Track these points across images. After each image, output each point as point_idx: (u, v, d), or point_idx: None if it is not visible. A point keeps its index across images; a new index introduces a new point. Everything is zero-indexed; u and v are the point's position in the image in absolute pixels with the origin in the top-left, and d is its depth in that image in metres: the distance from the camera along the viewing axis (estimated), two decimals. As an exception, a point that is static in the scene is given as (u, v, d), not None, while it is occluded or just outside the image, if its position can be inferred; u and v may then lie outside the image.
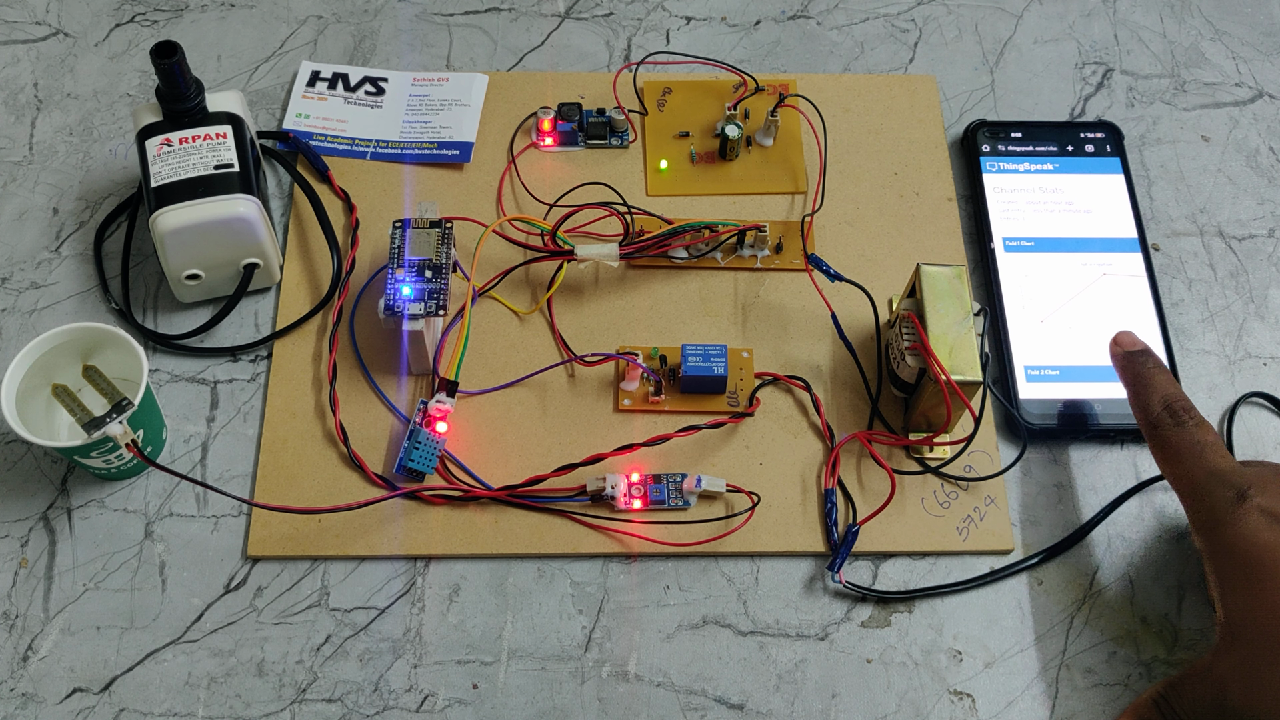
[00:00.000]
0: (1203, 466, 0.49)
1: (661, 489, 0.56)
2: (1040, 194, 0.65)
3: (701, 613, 0.54)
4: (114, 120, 0.68)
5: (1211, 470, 0.49)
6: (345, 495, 0.56)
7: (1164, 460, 0.51)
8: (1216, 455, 0.50)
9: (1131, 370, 0.54)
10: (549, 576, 0.55)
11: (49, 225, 0.64)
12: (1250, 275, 0.64)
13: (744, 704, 0.52)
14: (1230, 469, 0.49)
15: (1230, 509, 0.47)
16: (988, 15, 0.74)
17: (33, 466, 0.57)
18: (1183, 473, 0.50)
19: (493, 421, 0.58)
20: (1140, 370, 0.53)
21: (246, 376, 0.60)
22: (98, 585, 0.54)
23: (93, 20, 0.72)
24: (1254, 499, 0.47)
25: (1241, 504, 0.47)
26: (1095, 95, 0.71)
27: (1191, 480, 0.50)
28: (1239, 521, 0.47)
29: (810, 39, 0.73)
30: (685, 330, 0.61)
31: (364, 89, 0.69)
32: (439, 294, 0.57)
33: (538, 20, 0.73)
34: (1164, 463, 0.51)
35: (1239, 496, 0.47)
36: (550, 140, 0.67)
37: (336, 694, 0.52)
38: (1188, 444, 0.50)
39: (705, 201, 0.66)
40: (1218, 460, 0.49)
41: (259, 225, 0.58)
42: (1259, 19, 0.74)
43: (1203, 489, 0.49)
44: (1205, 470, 0.49)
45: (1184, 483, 0.50)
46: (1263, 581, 0.46)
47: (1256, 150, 0.69)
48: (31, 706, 0.51)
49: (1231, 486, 0.48)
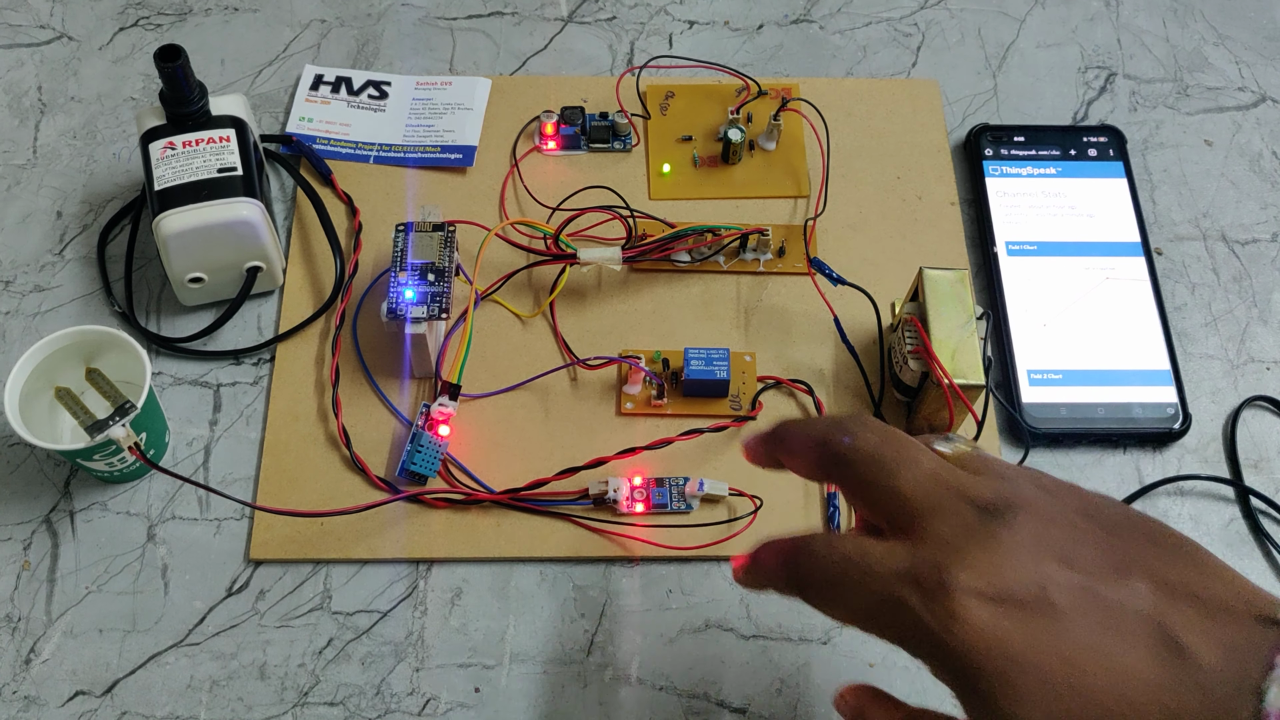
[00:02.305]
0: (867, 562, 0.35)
1: (664, 492, 0.56)
2: (1043, 198, 0.65)
3: (704, 616, 0.54)
4: (117, 124, 0.68)
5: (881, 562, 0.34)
6: (347, 498, 0.56)
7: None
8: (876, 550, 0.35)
9: (770, 449, 0.41)
10: (551, 580, 0.55)
11: (52, 228, 0.64)
12: (1253, 279, 0.64)
13: (746, 708, 0.52)
14: (904, 563, 0.34)
15: (936, 610, 0.33)
16: (990, 19, 0.74)
17: (35, 469, 0.57)
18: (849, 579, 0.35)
19: (495, 425, 0.58)
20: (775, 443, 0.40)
21: (249, 380, 0.60)
22: (100, 588, 0.54)
23: (97, 24, 0.72)
24: (959, 581, 0.32)
25: (946, 598, 0.32)
26: (1098, 99, 0.71)
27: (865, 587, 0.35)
28: (954, 623, 0.32)
29: (813, 43, 0.73)
30: (688, 334, 0.61)
31: (367, 93, 0.69)
32: (441, 297, 0.57)
33: (541, 24, 0.73)
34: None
35: (938, 588, 0.33)
36: (553, 144, 0.67)
37: (338, 697, 0.52)
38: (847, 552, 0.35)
39: (708, 205, 0.66)
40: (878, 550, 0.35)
41: (262, 229, 0.58)
42: (1262, 23, 0.74)
43: (889, 592, 0.34)
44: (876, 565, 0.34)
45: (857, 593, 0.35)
46: (1011, 688, 0.31)
47: (1259, 154, 0.69)
48: (34, 709, 0.51)
49: (922, 577, 0.33)
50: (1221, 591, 0.32)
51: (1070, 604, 0.32)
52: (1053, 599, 0.32)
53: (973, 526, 0.33)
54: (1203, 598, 0.32)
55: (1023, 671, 0.31)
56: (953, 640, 0.32)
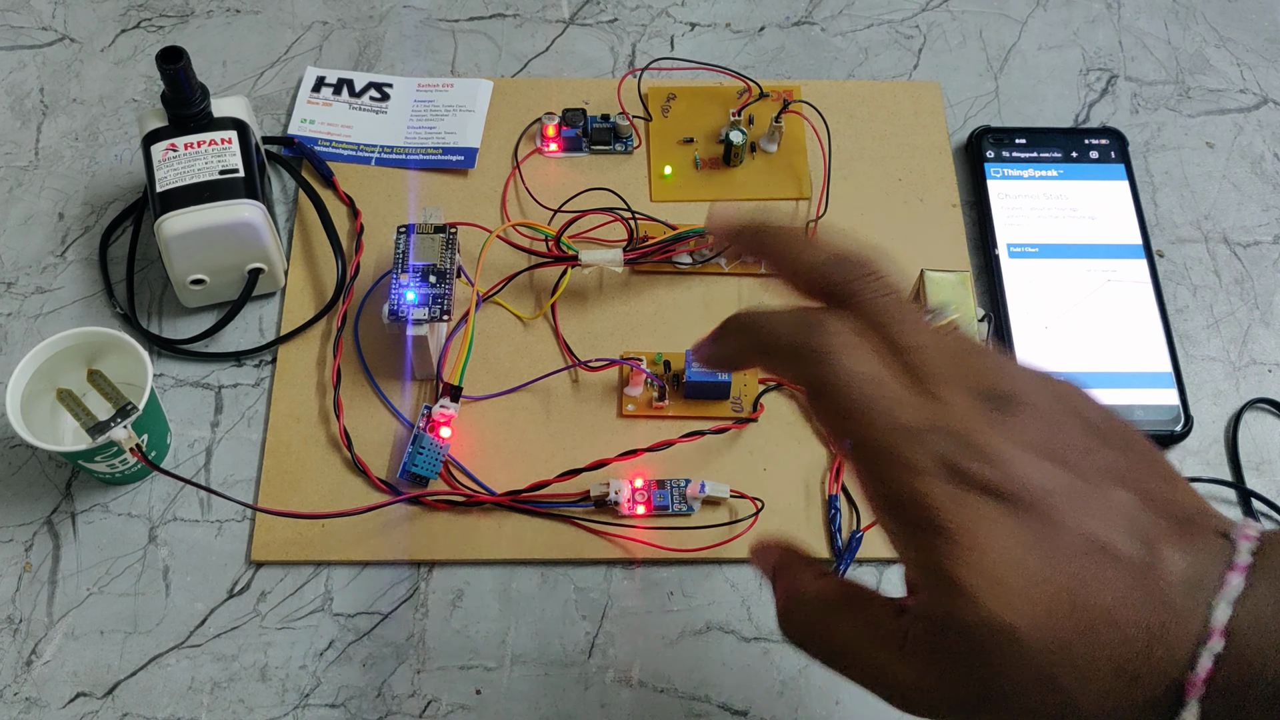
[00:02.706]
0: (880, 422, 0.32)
1: (665, 494, 0.56)
2: (1044, 200, 0.65)
3: (705, 619, 0.54)
4: (119, 125, 0.68)
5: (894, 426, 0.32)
6: (349, 500, 0.56)
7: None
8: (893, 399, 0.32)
9: (751, 243, 0.39)
10: (552, 582, 0.55)
11: (54, 230, 0.64)
12: (1255, 281, 0.64)
13: (747, 710, 0.52)
14: (923, 426, 0.32)
15: (941, 496, 0.31)
16: (992, 22, 0.74)
17: (37, 471, 0.57)
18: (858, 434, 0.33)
19: (496, 427, 0.58)
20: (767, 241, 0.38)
21: (251, 381, 0.60)
22: (101, 590, 0.54)
23: (99, 26, 0.72)
24: (971, 469, 0.31)
25: (954, 486, 0.31)
26: (1100, 101, 0.71)
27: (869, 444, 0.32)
28: (962, 511, 0.31)
29: (814, 45, 0.73)
30: (689, 335, 0.61)
31: (369, 94, 0.69)
32: (443, 299, 0.57)
33: (542, 26, 0.73)
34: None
35: (948, 472, 0.31)
36: (555, 146, 0.67)
37: (340, 699, 0.52)
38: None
39: (709, 207, 0.66)
40: (896, 408, 0.32)
41: (264, 230, 0.58)
42: (1264, 25, 0.74)
43: (891, 461, 0.32)
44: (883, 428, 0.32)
45: (863, 453, 0.33)
46: (1000, 588, 0.30)
47: (1261, 157, 0.69)
48: (35, 711, 0.51)
49: (935, 450, 0.31)
50: (1188, 501, 0.33)
51: (1067, 507, 0.31)
52: (1052, 502, 0.31)
53: (983, 414, 0.32)
54: (1174, 507, 0.32)
55: (1011, 566, 0.31)
56: (950, 523, 0.31)
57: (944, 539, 0.31)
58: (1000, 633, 0.30)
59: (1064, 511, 0.31)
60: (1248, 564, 0.30)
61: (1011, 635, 0.30)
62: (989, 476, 0.31)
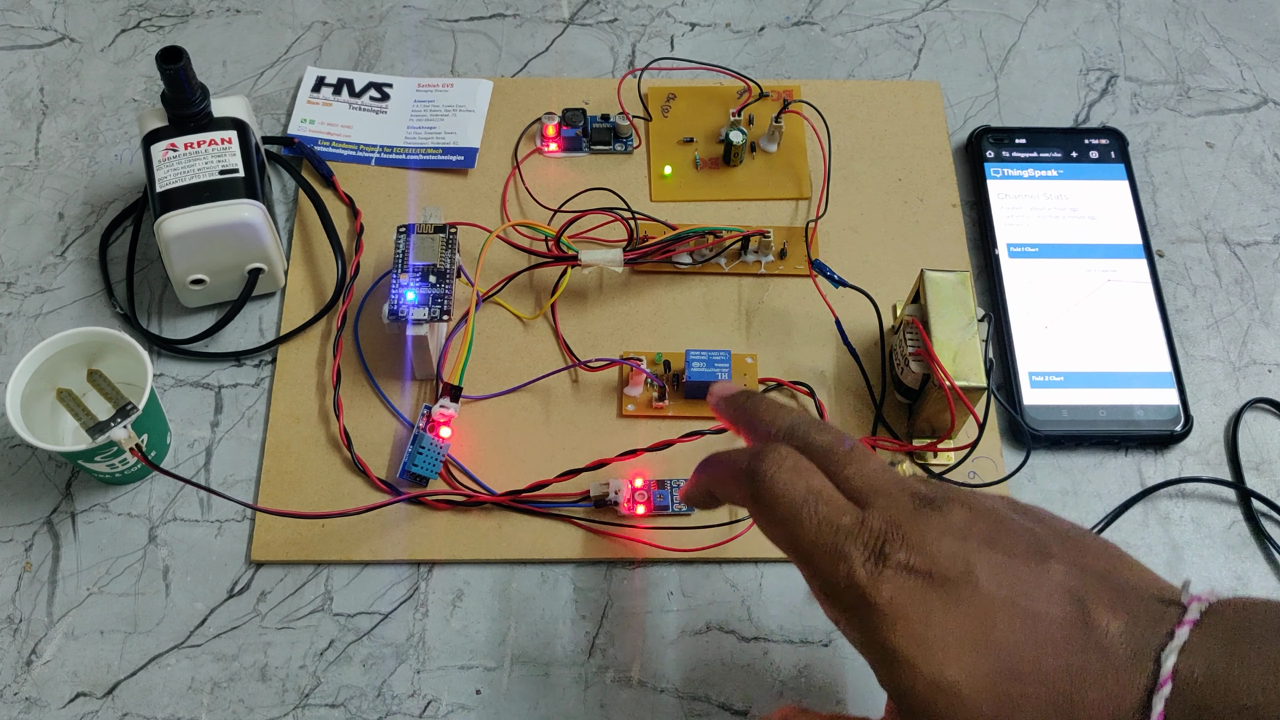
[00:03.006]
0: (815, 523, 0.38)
1: (665, 494, 0.56)
2: (1044, 200, 0.65)
3: (705, 619, 0.54)
4: (119, 125, 0.68)
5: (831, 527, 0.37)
6: (349, 500, 0.56)
7: (765, 520, 0.40)
8: (831, 505, 0.38)
9: (734, 411, 0.46)
10: (552, 582, 0.55)
11: (54, 230, 0.64)
12: (1255, 281, 0.64)
13: (748, 710, 0.52)
14: (852, 523, 0.37)
15: (871, 571, 0.36)
16: (992, 22, 0.74)
17: (37, 471, 0.57)
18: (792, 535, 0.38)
19: (496, 427, 0.58)
20: (746, 406, 0.45)
21: (251, 381, 0.60)
22: (101, 590, 0.54)
23: (99, 26, 0.72)
24: (895, 555, 0.36)
25: (883, 563, 0.36)
26: (1100, 101, 0.71)
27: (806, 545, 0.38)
28: (883, 585, 0.36)
29: (815, 45, 0.73)
30: (689, 336, 0.61)
31: (369, 94, 0.69)
32: (443, 299, 0.57)
33: (542, 26, 0.73)
34: (766, 523, 0.40)
35: (876, 555, 0.36)
36: (555, 146, 0.67)
37: (340, 699, 0.52)
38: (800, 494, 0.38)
39: (709, 207, 0.66)
40: (833, 512, 0.38)
41: (264, 230, 0.58)
42: (1264, 25, 0.74)
43: (826, 558, 0.37)
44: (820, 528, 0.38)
45: (800, 553, 0.38)
46: (927, 648, 0.35)
47: (1261, 157, 0.69)
48: (35, 711, 0.51)
49: (865, 540, 0.37)
50: (1131, 577, 0.36)
51: (990, 577, 0.35)
52: (975, 574, 0.35)
53: (911, 511, 0.37)
54: (1113, 579, 0.35)
55: (941, 630, 0.35)
56: (880, 600, 0.35)
57: (876, 614, 0.36)
58: (944, 691, 0.34)
59: (987, 581, 0.35)
60: (1195, 620, 0.33)
61: (954, 692, 0.34)
62: (912, 559, 0.36)
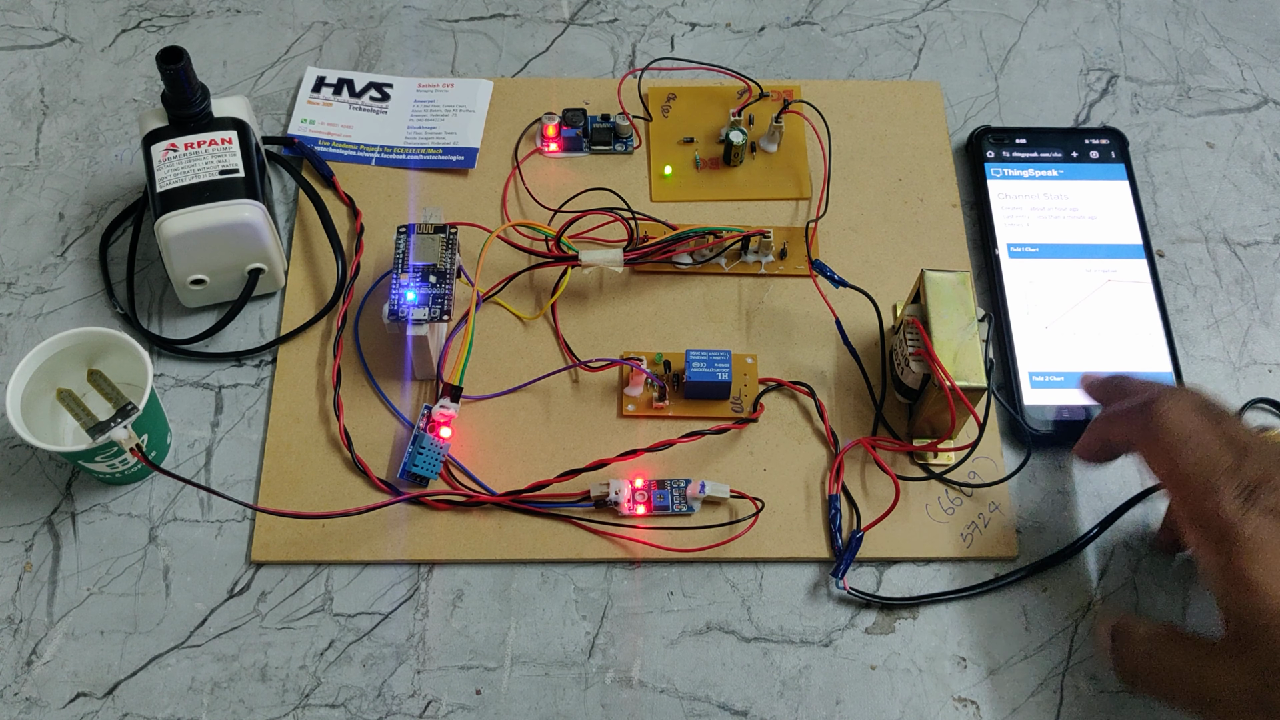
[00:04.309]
0: (1200, 462, 0.45)
1: (665, 494, 0.56)
2: (1045, 200, 0.65)
3: (705, 619, 0.54)
4: (120, 125, 0.68)
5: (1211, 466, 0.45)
6: (349, 500, 0.56)
7: (1156, 461, 0.48)
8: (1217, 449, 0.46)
9: (1113, 385, 0.53)
10: (552, 582, 0.55)
11: (54, 230, 0.64)
12: (1255, 281, 0.64)
13: (748, 710, 0.52)
14: (1231, 465, 0.45)
15: (1237, 512, 0.43)
16: (992, 22, 0.74)
17: (37, 471, 0.57)
18: (1179, 471, 0.46)
19: (496, 427, 0.58)
20: (1121, 382, 0.52)
21: (251, 381, 0.60)
22: (101, 590, 0.54)
23: (99, 26, 0.72)
24: (1263, 500, 0.43)
25: (1250, 506, 0.43)
26: (1100, 101, 0.71)
27: (1188, 478, 0.46)
28: (1246, 524, 0.43)
29: (815, 45, 0.73)
30: (689, 336, 0.61)
31: (369, 95, 0.69)
32: (443, 299, 0.57)
33: (542, 26, 0.73)
34: (1156, 463, 0.48)
35: (1246, 496, 0.44)
36: (555, 146, 0.67)
37: (340, 699, 0.52)
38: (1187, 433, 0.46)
39: (709, 207, 0.66)
40: (1218, 454, 0.45)
41: (264, 230, 0.58)
42: (1264, 25, 0.74)
43: (1201, 489, 0.45)
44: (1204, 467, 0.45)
45: (1178, 480, 0.46)
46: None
47: (1261, 157, 0.69)
48: (35, 711, 0.51)
49: (1235, 485, 0.44)
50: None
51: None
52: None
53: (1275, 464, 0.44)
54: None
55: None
56: (1245, 532, 0.43)
57: (1237, 544, 0.43)
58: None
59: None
60: None
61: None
62: (1279, 505, 0.43)
